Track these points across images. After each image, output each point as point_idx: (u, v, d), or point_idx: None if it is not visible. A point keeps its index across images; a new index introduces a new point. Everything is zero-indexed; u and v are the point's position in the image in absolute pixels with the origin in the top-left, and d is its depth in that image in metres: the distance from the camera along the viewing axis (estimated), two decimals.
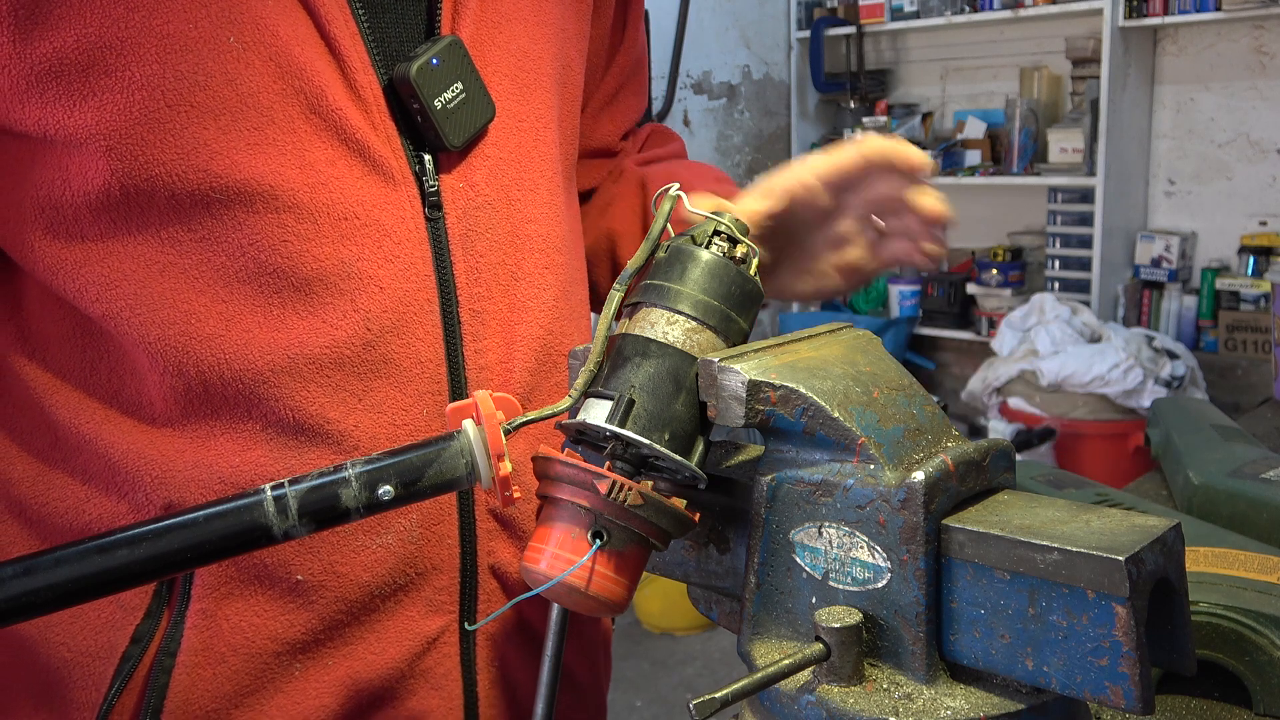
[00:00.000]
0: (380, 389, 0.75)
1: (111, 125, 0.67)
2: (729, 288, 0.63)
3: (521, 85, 0.81)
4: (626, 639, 3.47)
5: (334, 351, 0.73)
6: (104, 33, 0.66)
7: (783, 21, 4.83)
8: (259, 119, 0.70)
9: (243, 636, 0.75)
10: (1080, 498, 1.08)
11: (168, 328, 0.71)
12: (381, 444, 0.75)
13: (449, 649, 0.81)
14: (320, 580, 0.76)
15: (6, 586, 0.54)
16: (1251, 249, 3.99)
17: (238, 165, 0.69)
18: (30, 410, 0.77)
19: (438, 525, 0.79)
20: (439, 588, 0.80)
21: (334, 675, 0.78)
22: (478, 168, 0.79)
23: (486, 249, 0.79)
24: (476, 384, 0.79)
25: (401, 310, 0.75)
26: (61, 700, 0.77)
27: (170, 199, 0.69)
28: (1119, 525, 0.53)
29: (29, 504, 0.77)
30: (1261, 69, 3.93)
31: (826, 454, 0.57)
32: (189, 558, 0.57)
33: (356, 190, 0.73)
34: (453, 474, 0.60)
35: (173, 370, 0.72)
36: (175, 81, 0.67)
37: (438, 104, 0.74)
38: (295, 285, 0.72)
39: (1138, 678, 0.49)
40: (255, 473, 0.74)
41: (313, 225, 0.72)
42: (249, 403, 0.73)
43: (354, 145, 0.73)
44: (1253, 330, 3.91)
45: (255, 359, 0.72)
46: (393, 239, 0.74)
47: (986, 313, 4.43)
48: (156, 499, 0.74)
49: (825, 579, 0.58)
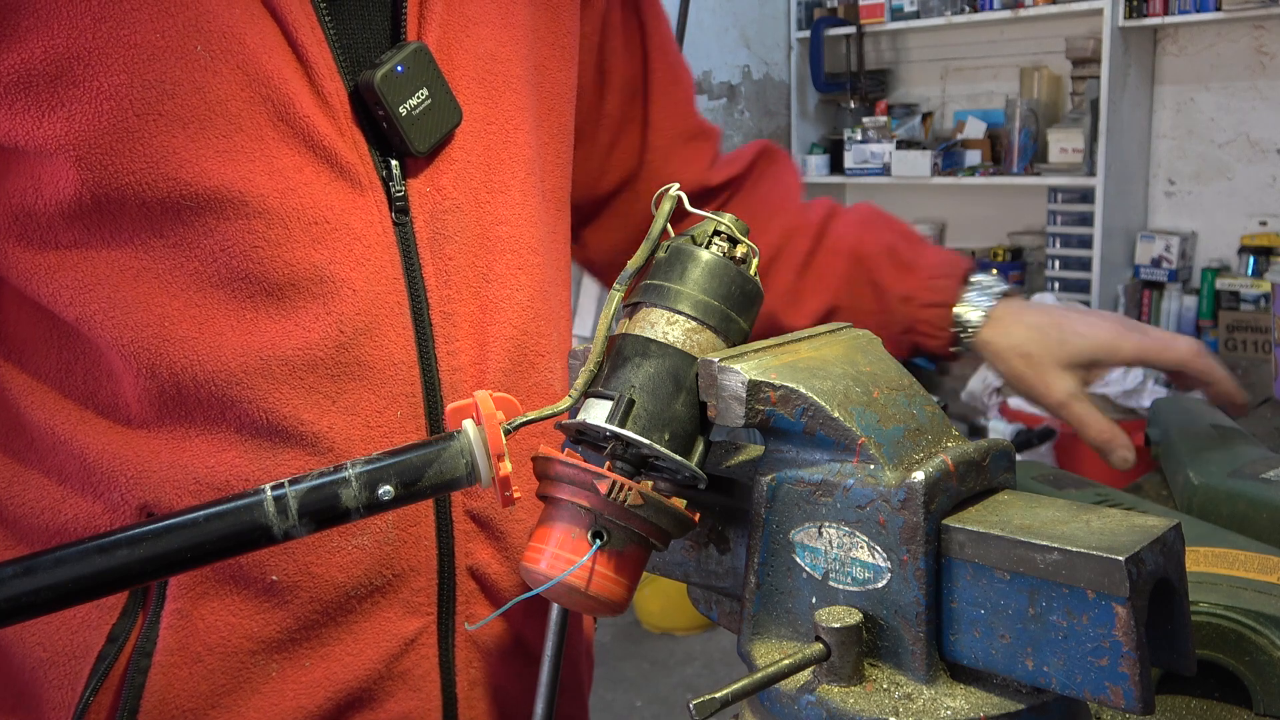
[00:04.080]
0: (354, 391, 0.76)
1: (80, 135, 0.67)
2: (729, 288, 0.63)
3: (490, 88, 0.82)
4: (626, 639, 3.47)
5: (307, 354, 0.74)
6: (71, 44, 0.66)
7: (783, 21, 4.83)
8: (227, 126, 0.70)
9: (218, 636, 0.75)
10: (1080, 498, 1.08)
11: (141, 330, 0.71)
12: (356, 445, 0.76)
13: (427, 650, 0.81)
14: (295, 581, 0.76)
15: (7, 586, 0.54)
16: (1251, 249, 3.99)
17: (207, 173, 0.70)
18: (5, 412, 0.77)
19: (414, 527, 0.79)
20: (416, 589, 0.80)
21: (311, 676, 0.78)
22: (445, 172, 0.79)
23: (455, 252, 0.79)
24: (450, 385, 0.79)
25: (373, 313, 0.75)
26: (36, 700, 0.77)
27: (141, 207, 0.70)
28: (1119, 525, 0.53)
29: (4, 505, 0.77)
30: (1261, 69, 3.93)
31: (826, 454, 0.57)
32: (189, 558, 0.57)
33: (325, 196, 0.73)
34: (453, 474, 0.60)
35: (146, 372, 0.72)
36: (143, 91, 0.67)
37: (403, 111, 0.75)
38: (267, 289, 0.73)
39: (1138, 678, 0.49)
40: (231, 473, 0.74)
41: (283, 230, 0.72)
42: (223, 404, 0.73)
43: (321, 152, 0.73)
44: (1253, 330, 3.91)
45: (228, 361, 0.72)
46: (362, 243, 0.75)
47: None
48: (132, 499, 0.74)
49: (825, 579, 0.58)
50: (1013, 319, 0.98)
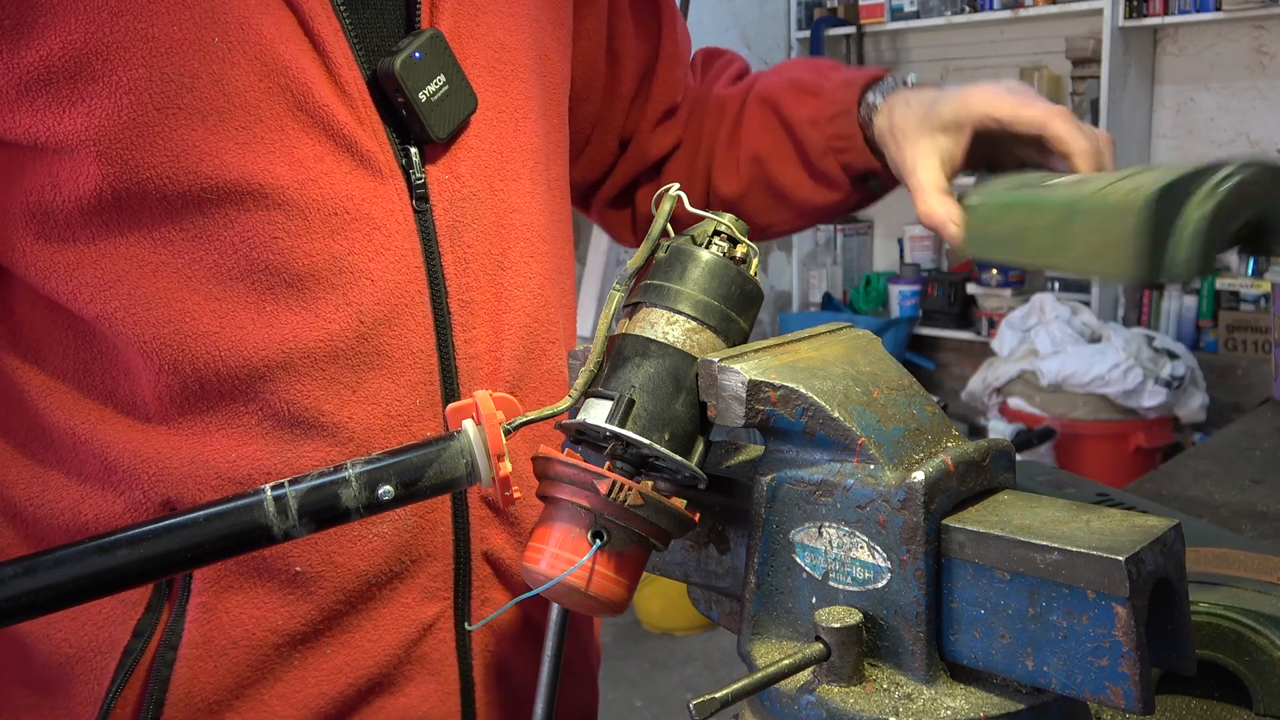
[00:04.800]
0: (374, 380, 0.76)
1: (101, 130, 0.67)
2: (729, 288, 0.63)
3: (500, 77, 0.82)
4: (626, 639, 3.47)
5: (328, 345, 0.74)
6: (90, 39, 0.66)
7: (783, 21, 4.83)
8: (246, 118, 0.70)
9: (243, 629, 0.76)
10: (1080, 498, 1.08)
11: (162, 326, 0.72)
12: (376, 435, 0.76)
13: (444, 635, 0.82)
14: (319, 571, 0.76)
15: (7, 586, 0.54)
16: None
17: (227, 165, 0.70)
18: (24, 413, 0.77)
19: (431, 513, 0.79)
20: (433, 574, 0.81)
21: (333, 663, 0.78)
22: (462, 159, 0.79)
23: (473, 239, 0.80)
24: (467, 373, 0.80)
25: (393, 302, 0.76)
26: (64, 695, 0.77)
27: (161, 200, 0.70)
28: (1119, 525, 0.53)
29: (24, 507, 0.77)
30: (1261, 69, 3.93)
31: (826, 454, 0.58)
32: (189, 558, 0.57)
33: (345, 185, 0.74)
34: (453, 474, 0.60)
35: (168, 368, 0.72)
36: (162, 84, 0.68)
37: (422, 97, 0.75)
38: (288, 281, 0.73)
39: (1138, 678, 0.49)
40: (252, 467, 0.74)
41: (303, 221, 0.72)
42: (245, 398, 0.74)
43: (341, 141, 0.73)
44: (1253, 330, 3.91)
45: (250, 354, 0.73)
46: (383, 232, 0.75)
47: (986, 313, 4.43)
48: (155, 496, 0.74)
49: (825, 579, 0.58)
50: (899, 100, 0.91)
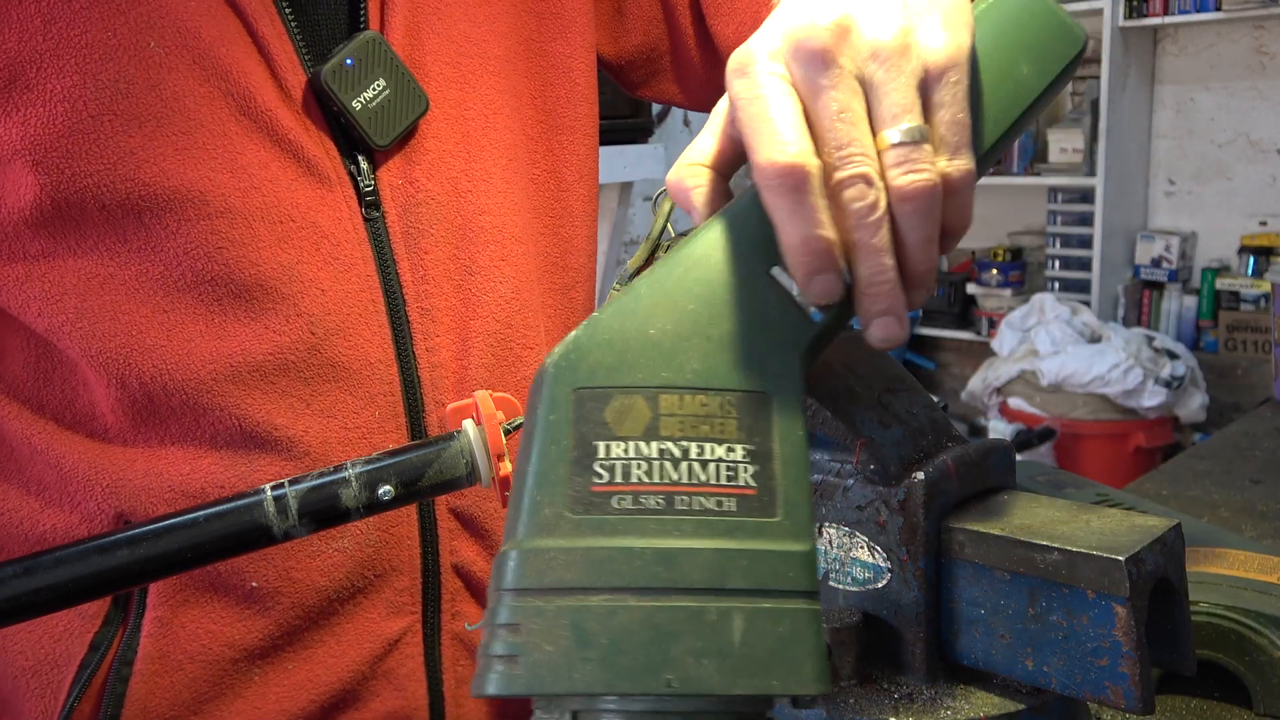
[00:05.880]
0: (329, 393, 0.74)
1: (36, 139, 0.66)
2: None
3: (464, 72, 0.79)
4: None
5: (278, 357, 0.72)
6: (22, 47, 0.65)
7: None
8: (186, 124, 0.68)
9: (200, 644, 0.74)
10: (1080, 498, 1.08)
11: (110, 340, 0.70)
12: (333, 449, 0.75)
13: (412, 649, 0.80)
14: (275, 587, 0.75)
15: (7, 586, 0.54)
16: (1251, 249, 3.99)
17: (166, 172, 0.68)
18: None
19: (395, 527, 0.78)
20: (400, 589, 0.79)
21: (294, 679, 0.77)
22: (417, 163, 0.77)
23: (432, 246, 0.78)
24: (430, 383, 0.78)
25: (345, 312, 0.74)
26: (17, 708, 0.76)
27: (102, 210, 0.68)
28: (1119, 525, 0.53)
29: None
30: (1261, 69, 3.93)
31: (826, 454, 0.58)
32: (189, 558, 0.57)
33: (290, 193, 0.72)
34: (453, 474, 0.60)
35: (117, 382, 0.71)
36: (97, 91, 0.66)
37: (357, 105, 0.73)
38: (235, 291, 0.71)
39: (1138, 678, 0.49)
40: (206, 481, 0.73)
41: (248, 230, 0.71)
42: (195, 412, 0.72)
43: (286, 147, 0.72)
44: (1253, 330, 3.92)
45: (198, 368, 0.71)
46: (331, 241, 0.73)
47: (986, 313, 4.43)
48: (108, 509, 0.73)
49: (825, 579, 0.58)
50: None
